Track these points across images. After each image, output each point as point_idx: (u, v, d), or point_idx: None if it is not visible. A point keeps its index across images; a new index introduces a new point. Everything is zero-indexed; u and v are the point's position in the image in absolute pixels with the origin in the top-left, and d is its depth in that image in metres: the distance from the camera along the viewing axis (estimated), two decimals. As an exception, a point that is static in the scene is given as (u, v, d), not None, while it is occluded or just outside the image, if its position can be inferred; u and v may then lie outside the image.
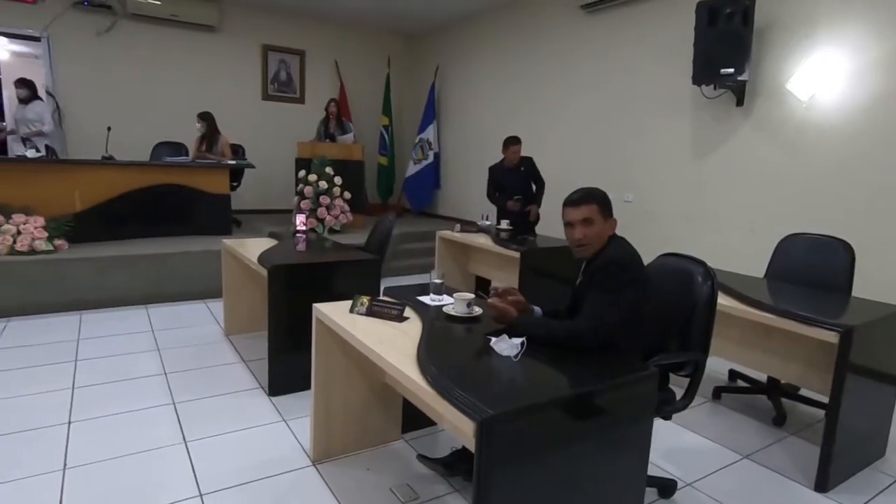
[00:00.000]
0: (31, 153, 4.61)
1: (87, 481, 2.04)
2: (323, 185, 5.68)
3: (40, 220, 4.20)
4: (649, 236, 4.62)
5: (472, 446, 1.31)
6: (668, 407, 1.93)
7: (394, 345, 1.75)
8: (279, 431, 2.47)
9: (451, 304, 2.08)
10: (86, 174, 4.68)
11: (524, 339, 1.65)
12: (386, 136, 8.01)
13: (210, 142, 5.70)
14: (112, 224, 4.77)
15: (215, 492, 2.01)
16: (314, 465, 2.21)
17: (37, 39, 6.11)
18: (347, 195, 5.85)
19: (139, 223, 4.92)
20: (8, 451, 2.22)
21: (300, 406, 2.63)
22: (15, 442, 2.30)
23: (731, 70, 3.86)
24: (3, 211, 4.11)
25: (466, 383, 1.43)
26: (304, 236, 3.83)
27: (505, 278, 4.10)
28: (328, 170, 5.75)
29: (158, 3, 6.35)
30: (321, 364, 2.19)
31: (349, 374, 2.25)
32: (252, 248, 3.33)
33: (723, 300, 2.36)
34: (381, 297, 2.20)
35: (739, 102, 4.11)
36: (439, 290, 2.25)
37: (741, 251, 4.02)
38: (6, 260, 3.93)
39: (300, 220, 3.99)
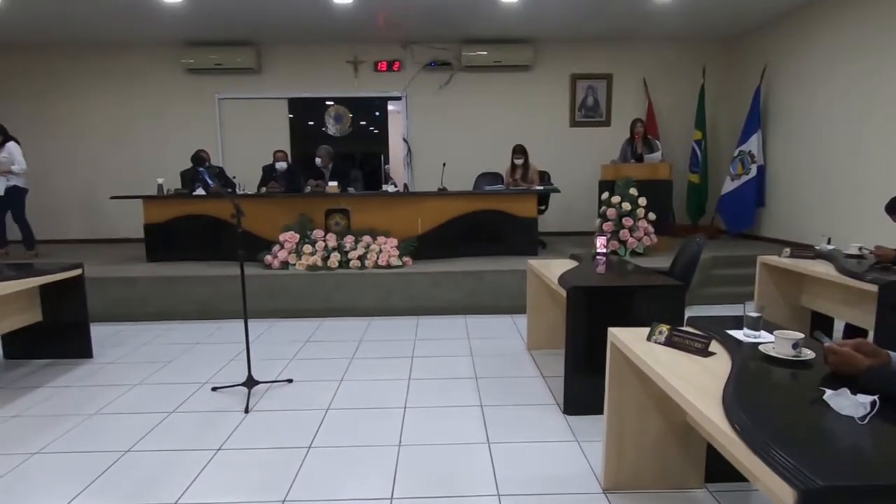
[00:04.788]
0: (390, 188, 5.86)
1: (414, 459, 2.45)
2: (626, 206, 5.58)
3: (394, 241, 5.30)
4: None
5: (792, 518, 1.09)
6: None
7: (695, 382, 1.60)
8: (572, 451, 2.51)
9: (772, 342, 1.77)
10: (426, 203, 5.69)
11: (877, 397, 1.30)
12: (698, 151, 7.38)
13: (523, 170, 6.24)
14: (442, 244, 5.65)
15: (511, 495, 2.16)
16: (605, 493, 2.17)
17: (398, 98, 7.79)
18: (652, 216, 5.61)
19: (462, 244, 5.71)
20: (363, 422, 2.84)
21: (594, 429, 2.62)
22: (368, 416, 2.92)
23: None
24: (372, 233, 5.32)
25: (787, 441, 1.19)
26: (605, 258, 3.82)
27: (856, 317, 3.28)
28: (632, 191, 5.63)
29: (485, 53, 7.36)
30: (615, 390, 2.14)
31: (645, 406, 2.13)
32: (554, 268, 3.50)
33: None
34: (684, 328, 2.03)
35: None
36: (756, 324, 1.95)
37: None
38: (373, 272, 5.07)
39: (601, 242, 4.00)
